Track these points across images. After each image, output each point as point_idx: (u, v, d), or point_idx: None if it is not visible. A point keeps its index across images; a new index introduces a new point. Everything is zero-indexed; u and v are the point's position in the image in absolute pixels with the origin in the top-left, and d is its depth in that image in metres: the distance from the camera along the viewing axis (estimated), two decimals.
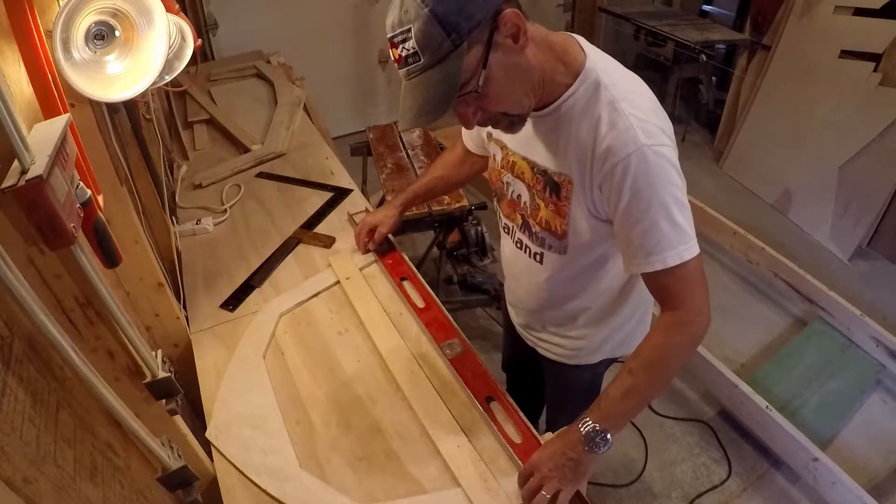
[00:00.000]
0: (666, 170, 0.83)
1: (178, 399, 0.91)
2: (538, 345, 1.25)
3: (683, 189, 0.86)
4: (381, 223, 1.40)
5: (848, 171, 2.73)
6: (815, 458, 1.70)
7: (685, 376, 2.23)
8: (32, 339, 0.63)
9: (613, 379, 0.91)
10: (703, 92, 3.86)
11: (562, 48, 0.87)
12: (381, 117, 3.93)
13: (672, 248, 0.85)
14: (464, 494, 0.93)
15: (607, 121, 0.84)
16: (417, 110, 0.78)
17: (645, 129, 0.82)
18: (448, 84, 0.77)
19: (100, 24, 0.92)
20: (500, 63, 0.79)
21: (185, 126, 2.19)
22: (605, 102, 0.85)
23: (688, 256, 0.86)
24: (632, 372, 0.89)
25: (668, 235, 0.84)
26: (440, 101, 0.77)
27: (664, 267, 0.85)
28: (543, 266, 1.06)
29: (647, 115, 0.84)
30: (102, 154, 0.99)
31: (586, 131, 0.87)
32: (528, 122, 0.95)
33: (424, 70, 0.76)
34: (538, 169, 0.97)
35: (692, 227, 0.87)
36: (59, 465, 0.58)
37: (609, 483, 1.89)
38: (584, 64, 0.87)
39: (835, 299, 2.25)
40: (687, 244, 0.86)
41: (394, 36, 0.76)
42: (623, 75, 0.89)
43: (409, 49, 0.75)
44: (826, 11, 2.79)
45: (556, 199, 0.96)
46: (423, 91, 0.77)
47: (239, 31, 3.32)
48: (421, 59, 0.75)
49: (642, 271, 0.88)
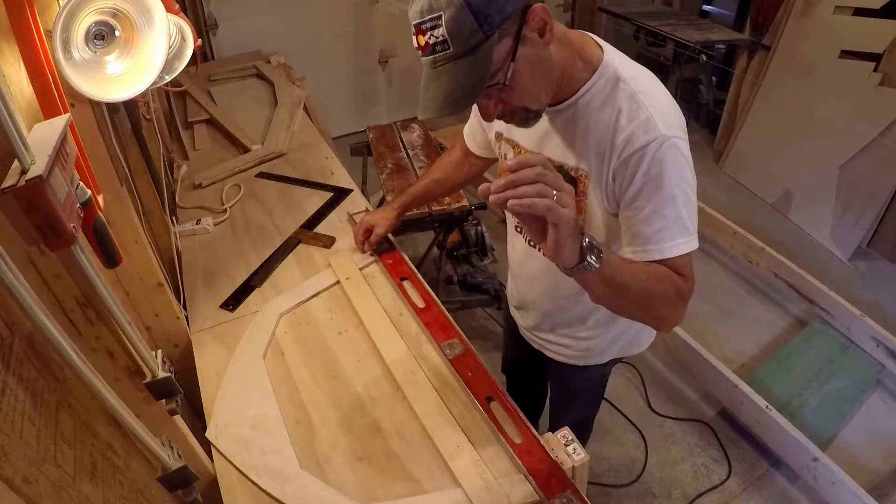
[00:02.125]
0: (680, 164, 0.84)
1: (178, 399, 0.91)
2: (546, 347, 1.25)
3: (693, 185, 0.86)
4: (377, 224, 1.41)
5: (848, 171, 2.73)
6: (815, 458, 1.70)
7: (685, 376, 2.23)
8: (32, 339, 0.63)
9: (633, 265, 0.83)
10: (703, 92, 3.86)
11: (579, 44, 0.88)
12: (381, 117, 3.93)
13: (671, 239, 0.84)
14: (464, 494, 0.93)
15: (627, 112, 0.84)
16: (444, 99, 0.77)
17: (665, 121, 0.83)
18: (478, 75, 0.76)
19: (100, 24, 0.92)
20: (527, 57, 0.79)
21: (185, 126, 2.19)
22: (626, 95, 0.85)
23: (684, 251, 0.85)
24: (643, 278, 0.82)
25: (670, 227, 0.84)
26: (468, 92, 0.76)
27: (661, 258, 0.85)
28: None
29: (667, 108, 0.85)
30: (102, 154, 0.99)
31: (605, 123, 0.87)
32: (543, 118, 0.94)
33: (453, 59, 0.75)
34: (553, 165, 0.96)
35: (695, 224, 0.87)
36: (59, 465, 0.58)
37: (609, 483, 1.89)
38: (602, 59, 0.88)
39: (835, 299, 2.25)
40: (686, 239, 0.85)
41: (422, 22, 0.75)
42: (638, 70, 0.90)
43: (438, 37, 0.74)
44: (826, 11, 2.79)
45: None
46: (451, 80, 0.76)
47: (239, 31, 3.32)
48: (450, 47, 0.74)
49: (638, 259, 0.87)
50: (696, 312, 2.46)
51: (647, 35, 3.84)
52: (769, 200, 3.16)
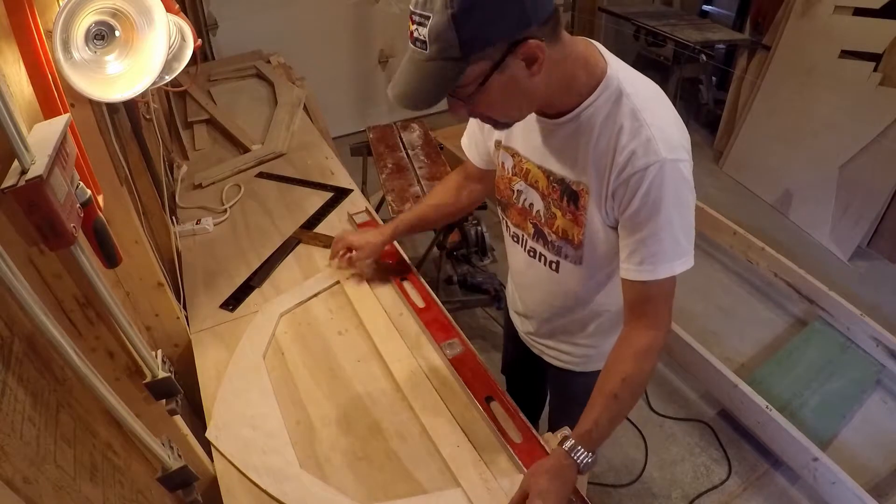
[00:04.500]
0: (679, 187, 0.84)
1: (178, 399, 0.91)
2: (545, 352, 1.24)
3: (692, 205, 0.86)
4: (361, 248, 1.32)
5: (848, 171, 2.73)
6: (815, 458, 1.70)
7: (685, 376, 2.23)
8: (32, 339, 0.63)
9: (596, 403, 0.92)
10: (703, 92, 3.86)
11: (583, 58, 0.86)
12: (381, 117, 3.92)
13: (665, 262, 0.86)
14: (463, 494, 0.93)
15: (629, 130, 0.83)
16: (404, 92, 0.78)
17: (666, 142, 0.82)
18: (441, 84, 0.76)
19: (100, 24, 0.92)
20: (502, 83, 0.78)
21: (185, 126, 2.19)
22: (628, 112, 0.84)
23: (679, 271, 0.87)
24: (617, 398, 0.90)
25: (665, 249, 0.85)
26: (428, 96, 0.77)
27: (652, 279, 0.87)
28: (560, 274, 1.05)
29: (669, 127, 0.84)
30: (102, 154, 0.99)
31: (607, 140, 0.86)
32: (540, 128, 0.94)
33: (426, 60, 0.76)
34: (555, 178, 0.95)
35: (692, 242, 0.88)
36: (59, 465, 0.58)
37: (609, 483, 1.89)
38: (606, 72, 0.86)
39: (835, 299, 2.25)
40: (681, 259, 0.87)
41: (415, 13, 0.75)
42: (643, 84, 0.88)
43: (420, 35, 0.75)
44: (826, 11, 2.79)
45: (574, 208, 0.94)
46: (418, 78, 0.77)
47: (239, 31, 3.32)
48: (427, 49, 0.75)
49: (629, 278, 0.89)
50: (696, 312, 2.46)
51: (647, 35, 3.84)
52: (769, 200, 3.16)
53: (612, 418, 0.91)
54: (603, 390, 0.91)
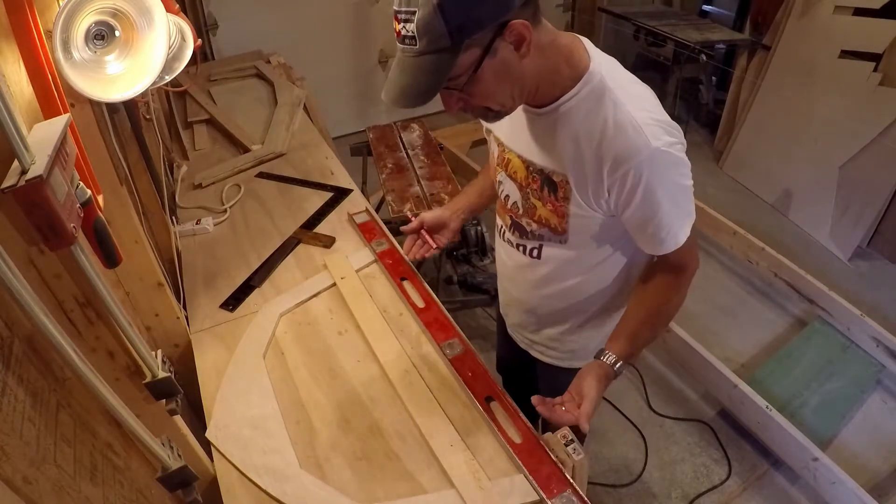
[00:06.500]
0: (676, 168, 0.86)
1: (178, 399, 0.91)
2: (532, 347, 1.25)
3: (688, 174, 0.89)
4: (445, 223, 1.28)
5: (848, 171, 2.73)
6: (815, 458, 1.70)
7: (685, 376, 2.23)
8: (32, 339, 0.63)
9: (635, 314, 1.01)
10: (703, 92, 3.86)
11: (567, 50, 0.87)
12: (381, 117, 3.92)
13: (682, 230, 0.92)
14: (458, 496, 0.93)
15: (613, 124, 0.84)
16: (400, 92, 0.79)
17: (652, 132, 0.83)
18: (436, 77, 0.77)
19: (100, 24, 0.92)
20: (494, 68, 0.79)
21: (185, 126, 2.19)
22: (611, 105, 0.85)
23: (689, 230, 0.93)
24: (654, 325, 1.01)
25: (679, 221, 0.91)
26: (424, 91, 0.78)
27: (676, 247, 0.93)
28: (542, 260, 1.06)
29: (653, 116, 0.85)
30: (102, 154, 0.99)
31: (592, 133, 0.86)
32: (525, 118, 0.94)
33: (418, 55, 0.77)
34: (534, 168, 0.96)
35: (692, 203, 0.93)
36: (59, 465, 0.58)
37: (609, 483, 1.89)
38: (588, 66, 0.87)
39: (835, 299, 2.25)
40: (690, 220, 0.93)
41: (399, 11, 0.76)
42: (627, 79, 0.89)
43: (408, 31, 0.75)
44: (826, 11, 2.79)
45: (554, 198, 0.95)
46: (412, 75, 0.78)
47: (239, 31, 3.32)
48: (417, 44, 0.75)
49: (655, 253, 0.97)
50: (696, 312, 2.46)
51: (647, 35, 3.83)
52: (769, 200, 3.16)
53: (648, 339, 1.02)
54: (637, 314, 1.00)
